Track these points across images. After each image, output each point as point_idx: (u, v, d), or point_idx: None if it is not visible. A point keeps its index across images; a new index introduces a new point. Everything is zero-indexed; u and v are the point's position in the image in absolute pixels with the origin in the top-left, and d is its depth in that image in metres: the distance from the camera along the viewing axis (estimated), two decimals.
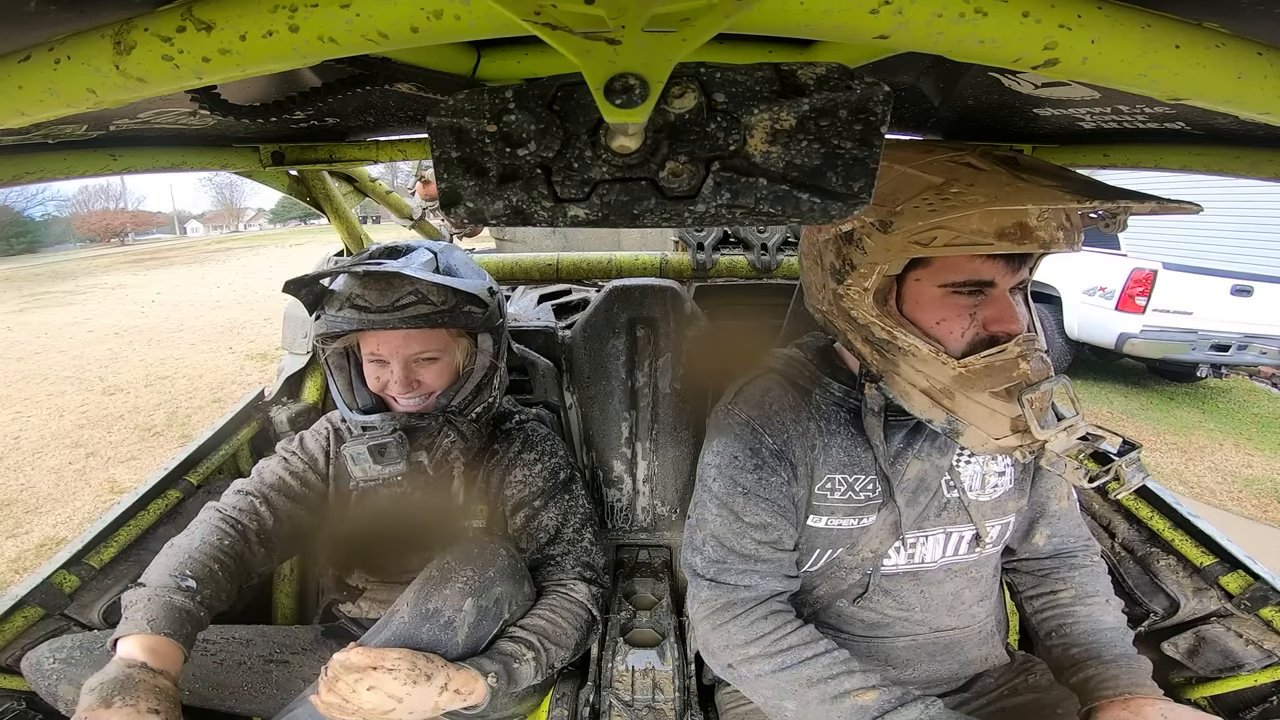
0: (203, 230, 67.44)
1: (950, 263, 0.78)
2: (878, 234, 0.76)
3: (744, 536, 0.90)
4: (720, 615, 0.89)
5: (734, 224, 0.45)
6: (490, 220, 0.44)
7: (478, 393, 1.08)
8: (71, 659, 0.96)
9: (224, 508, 1.04)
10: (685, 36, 0.31)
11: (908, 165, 0.76)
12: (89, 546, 1.17)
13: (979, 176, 0.71)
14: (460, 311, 1.01)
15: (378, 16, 0.34)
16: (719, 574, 0.90)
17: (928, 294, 0.80)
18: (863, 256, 0.78)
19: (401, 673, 0.83)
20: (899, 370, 0.82)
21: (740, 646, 0.86)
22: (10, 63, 0.40)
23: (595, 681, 1.20)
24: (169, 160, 0.96)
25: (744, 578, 0.89)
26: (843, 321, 0.85)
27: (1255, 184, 0.92)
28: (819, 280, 0.87)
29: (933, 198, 0.71)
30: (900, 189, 0.74)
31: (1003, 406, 0.77)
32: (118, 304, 11.97)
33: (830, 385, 0.94)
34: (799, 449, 0.90)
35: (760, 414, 0.92)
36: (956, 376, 0.78)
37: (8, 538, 3.46)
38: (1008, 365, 0.76)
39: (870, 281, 0.79)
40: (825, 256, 0.84)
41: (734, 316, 1.75)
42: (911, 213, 0.72)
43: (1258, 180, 0.81)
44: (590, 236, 3.04)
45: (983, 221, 0.70)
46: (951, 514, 0.93)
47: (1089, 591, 1.00)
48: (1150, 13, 0.37)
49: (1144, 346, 5.26)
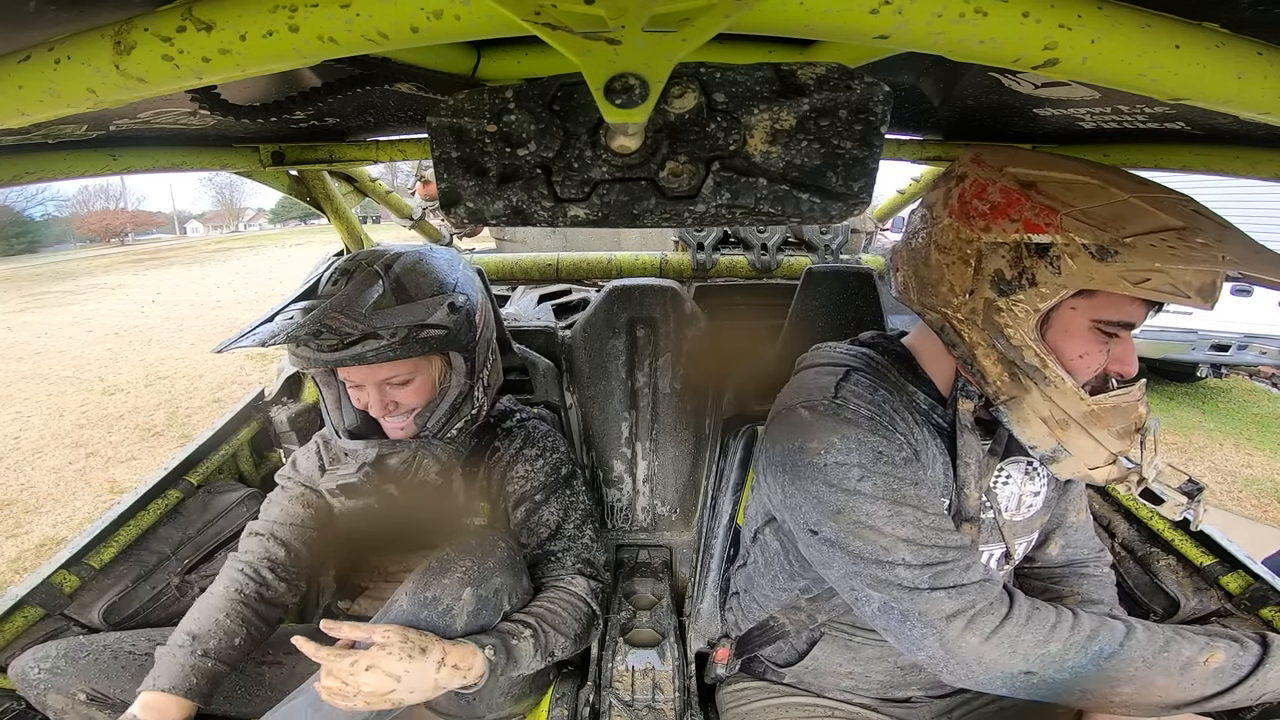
0: (203, 230, 67.36)
1: (1116, 301, 0.74)
2: (1087, 258, 0.68)
3: (942, 529, 0.78)
4: (984, 622, 0.74)
5: (734, 224, 0.45)
6: (490, 220, 0.44)
7: (453, 412, 1.06)
8: (57, 669, 0.96)
9: (240, 554, 1.09)
10: (685, 36, 0.31)
11: (1132, 195, 0.71)
12: (89, 546, 1.17)
13: (1225, 234, 0.68)
14: (415, 340, 0.96)
15: (378, 16, 0.34)
16: (941, 578, 0.75)
17: (1078, 326, 0.75)
18: (1053, 277, 0.70)
19: (394, 646, 0.82)
20: (1028, 397, 0.77)
21: (1038, 646, 0.74)
22: (10, 63, 0.40)
23: (595, 681, 1.20)
24: (169, 160, 0.96)
25: (973, 572, 0.76)
26: (981, 334, 0.77)
27: (1255, 184, 0.92)
28: (962, 283, 0.77)
29: (1175, 241, 0.66)
30: (1126, 218, 0.69)
31: (1113, 443, 0.77)
32: (118, 304, 11.97)
33: (916, 395, 0.87)
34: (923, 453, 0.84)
35: (880, 410, 0.83)
36: (1088, 413, 0.75)
37: (8, 538, 3.46)
38: (1130, 408, 0.77)
39: (1047, 304, 0.72)
40: (989, 260, 0.75)
41: (734, 316, 1.75)
42: (1146, 250, 0.66)
43: (1258, 180, 0.81)
44: (590, 236, 3.05)
45: (1195, 276, 0.67)
46: (986, 534, 0.91)
47: (1094, 599, 0.99)
48: (1150, 13, 0.37)
49: (1144, 346, 5.26)
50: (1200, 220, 0.69)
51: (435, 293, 1.01)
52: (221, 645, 0.97)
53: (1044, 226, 0.70)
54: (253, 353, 7.27)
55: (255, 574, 1.06)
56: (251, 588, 1.04)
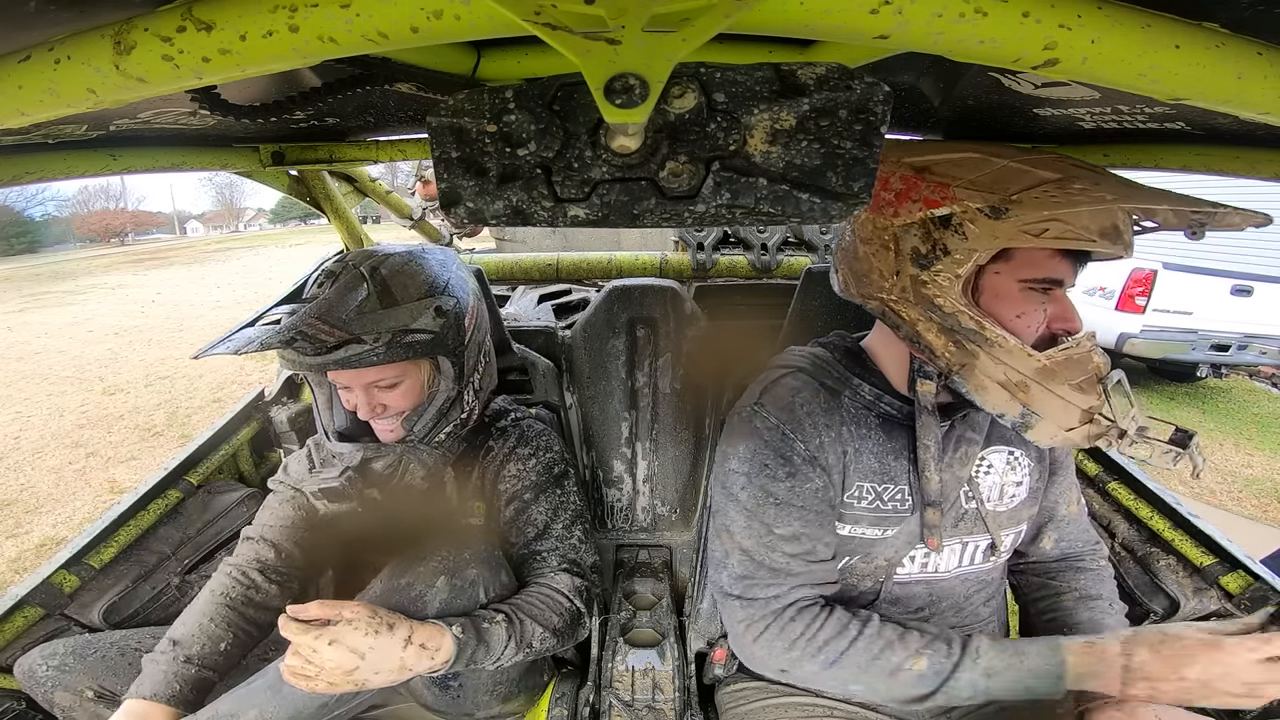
0: (203, 230, 67.39)
1: (1033, 258, 0.78)
2: (986, 220, 0.74)
3: (774, 550, 0.88)
4: (755, 629, 0.88)
5: (734, 224, 0.45)
6: (490, 220, 0.44)
7: (441, 416, 1.05)
8: (65, 666, 0.96)
9: (230, 559, 1.09)
10: (685, 36, 0.31)
11: (1009, 159, 0.76)
12: (89, 546, 1.17)
13: (1099, 177, 0.73)
14: (399, 345, 0.95)
15: (378, 16, 0.34)
16: (746, 590, 0.89)
17: (1006, 287, 0.80)
18: (961, 242, 0.76)
19: (361, 622, 0.80)
20: (977, 363, 0.80)
21: (784, 653, 0.87)
22: (10, 63, 0.40)
23: (595, 681, 1.20)
24: (169, 160, 0.96)
25: (771, 589, 0.88)
26: (916, 310, 0.82)
27: (1255, 184, 0.92)
28: (888, 266, 0.83)
29: (1055, 190, 0.71)
30: (1009, 179, 0.74)
31: (1079, 399, 0.79)
32: (118, 304, 11.97)
33: (860, 387, 0.91)
34: (832, 454, 0.88)
35: (790, 416, 0.89)
36: (1040, 369, 0.78)
37: (8, 538, 3.46)
38: (1084, 358, 0.79)
39: (965, 269, 0.77)
40: (905, 241, 0.81)
41: (734, 316, 1.75)
42: (1032, 202, 0.72)
43: (1258, 180, 0.81)
44: (590, 236, 3.05)
45: (1091, 219, 0.72)
46: (968, 524, 0.92)
47: (1093, 595, 1.00)
48: (1150, 13, 0.37)
49: (1144, 346, 5.26)
50: (1076, 171, 0.74)
51: (423, 295, 1.00)
52: (206, 651, 0.96)
53: (941, 200, 0.77)
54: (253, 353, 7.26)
55: (244, 577, 1.05)
56: (239, 590, 1.04)
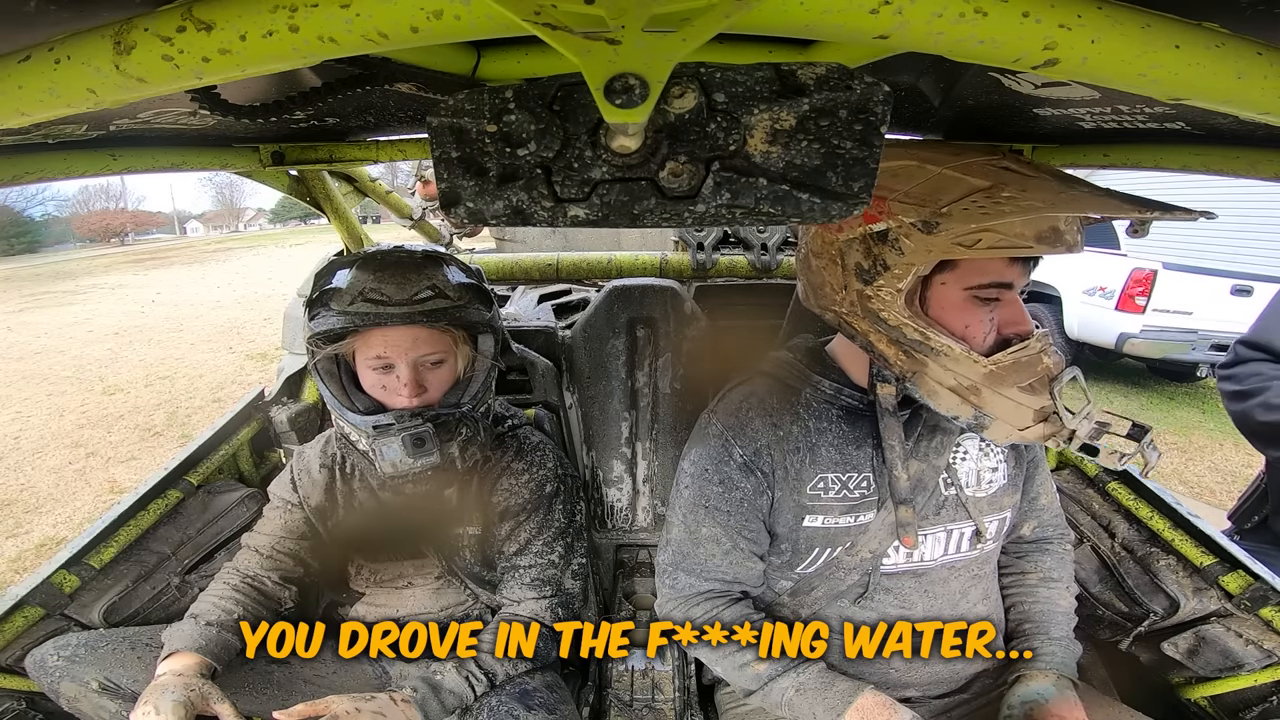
0: (203, 230, 67.39)
1: (977, 266, 0.79)
2: (919, 235, 0.75)
3: (699, 547, 0.96)
4: (668, 606, 1.02)
5: (734, 224, 0.45)
6: (490, 220, 0.44)
7: (485, 390, 1.08)
8: (76, 657, 0.97)
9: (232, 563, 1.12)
10: (685, 36, 0.31)
11: (944, 167, 0.76)
12: (89, 546, 1.17)
13: (1028, 182, 0.72)
14: (472, 308, 1.02)
15: (378, 16, 0.34)
16: (672, 574, 1.00)
17: (953, 297, 0.81)
18: (898, 257, 0.77)
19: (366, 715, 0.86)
20: (927, 370, 0.82)
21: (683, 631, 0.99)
22: (10, 63, 0.40)
23: (595, 681, 1.20)
24: (169, 160, 0.96)
25: (689, 578, 0.98)
26: (866, 323, 0.84)
27: (1255, 184, 0.92)
28: (837, 281, 0.85)
29: (983, 200, 0.71)
30: (941, 190, 0.74)
31: (1029, 399, 0.80)
32: (118, 304, 11.97)
33: (820, 383, 0.95)
34: (775, 454, 0.92)
35: (734, 423, 0.94)
36: (988, 374, 0.80)
37: (8, 538, 3.46)
38: (1032, 361, 0.80)
39: (905, 283, 0.78)
40: (849, 257, 0.83)
41: (734, 316, 1.75)
42: (961, 215, 0.72)
43: (1257, 180, 0.81)
44: (590, 236, 3.05)
45: (1025, 226, 0.72)
46: (950, 511, 0.95)
47: (1054, 577, 1.06)
48: (1150, 13, 0.37)
49: (1144, 346, 5.26)
50: (1007, 175, 0.74)
51: None
52: (224, 619, 1.01)
53: (878, 215, 0.78)
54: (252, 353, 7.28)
55: (249, 572, 1.10)
56: (246, 581, 1.09)
